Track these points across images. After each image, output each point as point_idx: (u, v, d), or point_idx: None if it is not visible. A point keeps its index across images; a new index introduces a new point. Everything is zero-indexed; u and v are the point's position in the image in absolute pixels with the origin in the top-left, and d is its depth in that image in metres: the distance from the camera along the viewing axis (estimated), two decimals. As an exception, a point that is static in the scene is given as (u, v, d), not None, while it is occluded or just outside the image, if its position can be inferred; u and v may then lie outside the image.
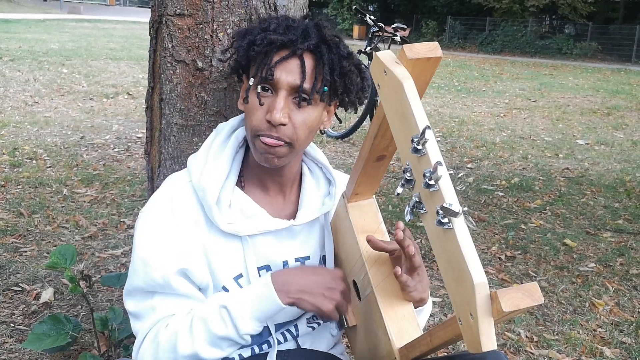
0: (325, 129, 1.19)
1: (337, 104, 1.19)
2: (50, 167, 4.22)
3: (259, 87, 1.08)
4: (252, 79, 1.09)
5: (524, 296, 0.71)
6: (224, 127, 1.21)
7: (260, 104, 1.07)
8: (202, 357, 1.07)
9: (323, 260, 1.24)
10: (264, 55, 1.07)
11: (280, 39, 1.06)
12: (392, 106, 0.84)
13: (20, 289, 2.45)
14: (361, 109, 5.83)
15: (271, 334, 1.17)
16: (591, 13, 24.06)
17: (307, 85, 1.06)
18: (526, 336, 2.37)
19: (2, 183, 3.76)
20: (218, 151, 1.16)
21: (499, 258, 3.14)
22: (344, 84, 1.12)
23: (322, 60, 1.08)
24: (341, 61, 1.10)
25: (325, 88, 1.08)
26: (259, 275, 1.16)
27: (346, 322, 1.19)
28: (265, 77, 1.05)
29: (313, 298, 1.09)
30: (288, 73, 1.06)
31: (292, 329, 1.23)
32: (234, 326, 1.06)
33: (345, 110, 1.24)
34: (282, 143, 1.08)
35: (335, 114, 1.23)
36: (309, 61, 1.07)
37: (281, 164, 1.12)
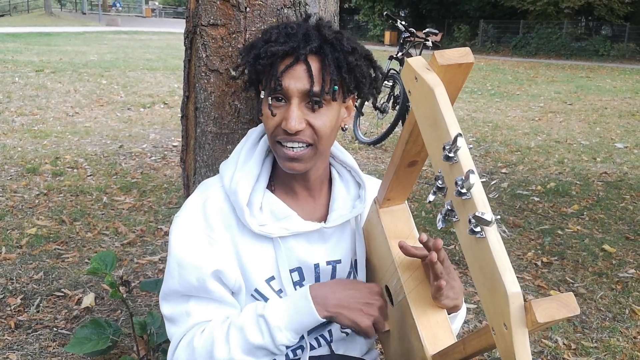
0: (346, 126, 1.19)
1: (355, 97, 1.19)
2: (90, 175, 4.35)
3: (270, 98, 1.09)
4: (262, 92, 1.11)
5: (559, 307, 0.69)
6: (252, 133, 1.23)
7: (273, 115, 1.08)
8: None
9: (354, 264, 1.25)
10: (270, 67, 1.08)
11: (282, 48, 1.06)
12: (423, 113, 0.83)
13: (62, 294, 2.53)
14: (393, 114, 5.82)
15: (304, 338, 1.18)
16: (628, 13, 23.43)
17: (316, 88, 1.06)
18: (564, 344, 2.32)
19: (45, 191, 3.89)
20: (247, 155, 1.19)
21: (535, 264, 3.09)
22: (355, 79, 1.12)
23: (327, 61, 1.07)
24: (347, 57, 1.09)
25: (335, 87, 1.08)
26: (291, 277, 1.17)
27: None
28: (274, 87, 1.06)
29: (351, 313, 1.10)
30: (296, 80, 1.06)
31: (326, 334, 1.24)
32: (271, 336, 1.08)
33: (365, 100, 1.23)
34: (304, 148, 1.09)
35: (356, 106, 1.23)
36: (314, 64, 1.07)
37: (305, 169, 1.12)
